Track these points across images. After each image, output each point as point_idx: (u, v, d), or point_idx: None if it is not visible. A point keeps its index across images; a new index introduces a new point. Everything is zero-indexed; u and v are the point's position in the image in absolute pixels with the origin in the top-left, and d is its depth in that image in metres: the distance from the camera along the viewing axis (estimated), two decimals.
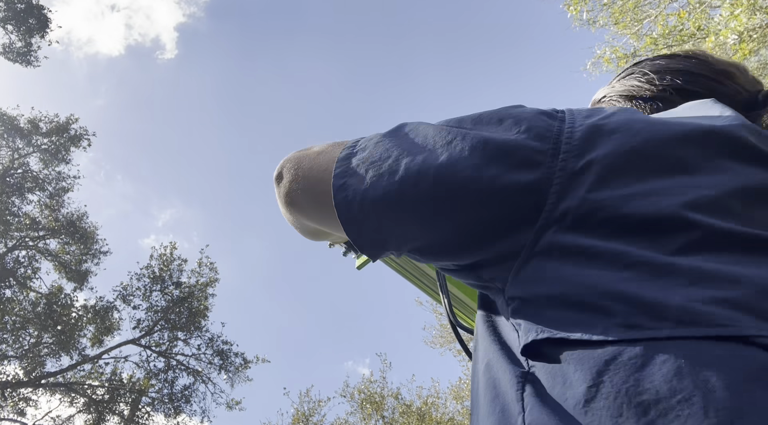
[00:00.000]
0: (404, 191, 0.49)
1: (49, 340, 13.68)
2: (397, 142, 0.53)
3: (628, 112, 0.49)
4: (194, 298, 15.21)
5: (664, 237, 0.41)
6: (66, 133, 14.65)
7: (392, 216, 0.51)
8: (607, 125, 0.48)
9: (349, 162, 0.54)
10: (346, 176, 0.53)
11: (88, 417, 13.74)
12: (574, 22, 8.91)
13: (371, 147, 0.54)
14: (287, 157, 0.64)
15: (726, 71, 0.66)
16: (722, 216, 0.41)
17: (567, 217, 0.44)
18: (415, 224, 0.51)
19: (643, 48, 8.07)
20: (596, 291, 0.41)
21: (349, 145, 0.57)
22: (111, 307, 14.58)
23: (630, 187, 0.43)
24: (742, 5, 6.35)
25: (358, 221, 0.53)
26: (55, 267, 14.59)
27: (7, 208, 13.81)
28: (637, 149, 0.45)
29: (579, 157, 0.46)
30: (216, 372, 15.01)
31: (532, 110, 0.51)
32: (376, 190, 0.51)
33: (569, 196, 0.44)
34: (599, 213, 0.43)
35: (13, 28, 13.24)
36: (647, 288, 0.39)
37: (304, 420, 14.29)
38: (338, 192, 0.53)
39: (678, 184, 0.43)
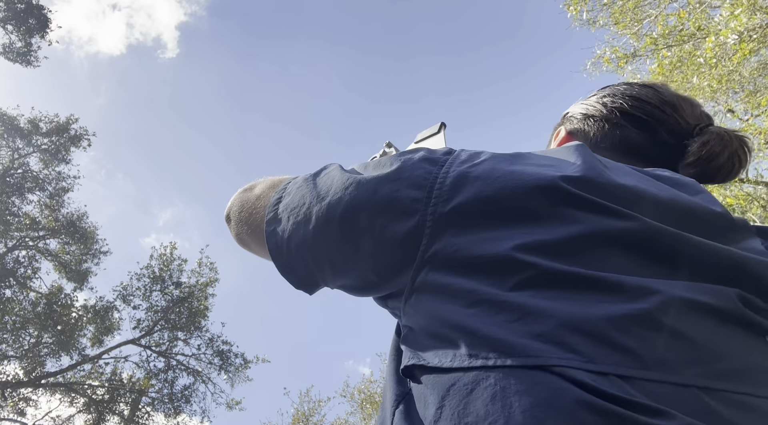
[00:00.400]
0: (316, 239, 0.57)
1: (49, 340, 13.68)
2: (312, 187, 0.60)
3: (496, 160, 0.54)
4: (194, 298, 15.20)
5: (504, 276, 0.46)
6: (66, 133, 14.64)
7: (312, 259, 0.59)
8: (472, 172, 0.52)
9: (277, 208, 0.62)
10: (275, 222, 0.61)
11: (88, 417, 13.73)
12: (574, 22, 8.91)
13: (293, 192, 0.62)
14: (233, 200, 0.74)
15: (672, 103, 0.70)
16: (552, 258, 0.46)
17: (436, 258, 0.50)
18: (330, 265, 0.58)
19: (643, 48, 8.07)
20: (450, 325, 0.47)
21: (279, 189, 0.65)
22: (111, 307, 14.58)
23: (484, 230, 0.49)
24: (742, 5, 6.35)
25: (287, 263, 0.61)
26: (55, 267, 14.58)
27: (7, 208, 13.80)
28: (492, 197, 0.50)
29: (447, 203, 0.51)
30: (216, 372, 15.02)
31: (418, 158, 0.56)
32: (296, 237, 0.58)
33: (438, 239, 0.50)
34: (458, 255, 0.49)
35: (13, 28, 13.24)
36: (484, 323, 0.44)
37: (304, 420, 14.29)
38: (269, 238, 0.61)
39: (520, 229, 0.48)
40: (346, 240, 0.55)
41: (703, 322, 0.44)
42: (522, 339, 0.42)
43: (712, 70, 7.00)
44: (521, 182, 0.50)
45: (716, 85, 7.16)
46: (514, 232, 0.48)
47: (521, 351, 0.41)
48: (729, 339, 0.44)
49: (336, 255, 0.57)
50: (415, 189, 0.53)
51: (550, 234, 0.47)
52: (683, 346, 0.42)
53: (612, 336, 0.41)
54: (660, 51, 7.65)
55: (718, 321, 0.45)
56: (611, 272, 0.45)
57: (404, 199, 0.53)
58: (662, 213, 0.50)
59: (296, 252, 0.59)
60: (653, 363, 0.41)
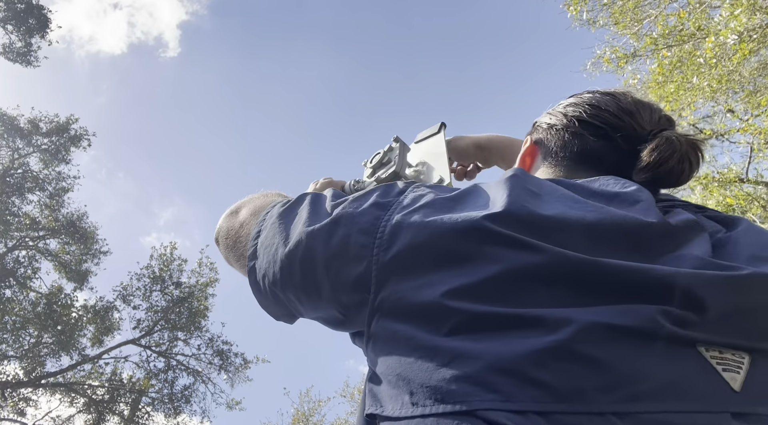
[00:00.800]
0: (283, 281, 0.60)
1: (49, 340, 13.67)
2: (281, 228, 0.63)
3: (434, 206, 0.54)
4: (194, 298, 15.20)
5: (439, 322, 0.48)
6: (66, 133, 14.64)
7: (284, 297, 0.62)
8: (407, 220, 0.53)
9: (256, 243, 0.65)
10: (254, 258, 0.65)
11: (88, 417, 13.73)
12: (574, 22, 8.91)
13: (269, 227, 0.65)
14: (220, 224, 0.78)
15: (629, 110, 0.71)
16: (477, 300, 0.47)
17: (384, 306, 0.51)
18: (300, 303, 0.62)
19: (643, 48, 8.07)
20: (396, 372, 0.49)
21: (259, 220, 0.68)
22: (111, 307, 14.58)
23: (420, 277, 0.50)
24: (742, 5, 6.35)
25: (264, 300, 0.66)
26: (55, 267, 14.58)
27: (7, 208, 13.80)
28: (424, 243, 0.51)
29: (387, 251, 0.52)
30: (216, 372, 15.01)
31: (370, 203, 0.58)
32: (269, 277, 0.62)
33: (384, 286, 0.52)
34: (401, 303, 0.50)
35: (13, 28, 13.23)
36: (422, 369, 0.47)
37: (304, 420, 14.29)
38: (250, 274, 0.65)
39: (450, 273, 0.49)
40: (307, 282, 0.58)
41: (621, 345, 0.44)
42: (451, 384, 0.44)
43: (712, 70, 7.00)
44: (450, 227, 0.51)
45: (716, 85, 7.16)
46: (445, 277, 0.49)
47: (451, 397, 0.44)
48: (649, 359, 0.44)
49: (302, 295, 0.60)
50: (363, 235, 0.54)
51: (475, 276, 0.48)
52: (599, 373, 0.43)
53: (530, 372, 0.43)
54: (660, 51, 7.65)
55: (638, 342, 0.45)
56: (533, 307, 0.46)
57: (354, 244, 0.54)
58: (584, 237, 0.50)
59: (270, 290, 0.63)
60: (569, 394, 0.42)
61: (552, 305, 0.46)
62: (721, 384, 0.45)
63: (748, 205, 8.82)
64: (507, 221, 0.50)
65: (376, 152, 1.19)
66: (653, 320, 0.45)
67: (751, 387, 0.46)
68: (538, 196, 0.55)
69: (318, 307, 0.61)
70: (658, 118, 0.72)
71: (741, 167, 9.69)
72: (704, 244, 0.54)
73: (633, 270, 0.48)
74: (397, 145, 1.16)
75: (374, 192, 0.60)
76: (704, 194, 8.79)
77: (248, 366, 15.18)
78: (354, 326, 0.59)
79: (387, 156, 1.17)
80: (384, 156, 1.17)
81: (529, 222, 0.51)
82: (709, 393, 0.44)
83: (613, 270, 0.48)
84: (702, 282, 0.48)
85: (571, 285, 0.48)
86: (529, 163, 0.80)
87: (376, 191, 0.60)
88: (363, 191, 0.61)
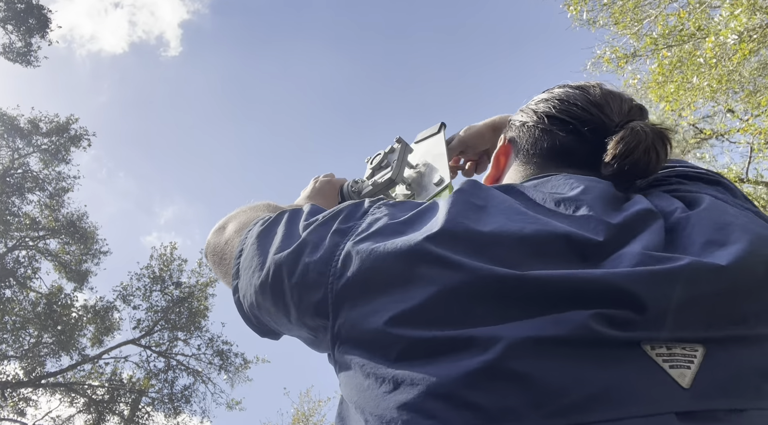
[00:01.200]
0: (258, 303, 0.62)
1: (49, 340, 13.67)
2: (258, 250, 0.64)
3: (385, 231, 0.55)
4: (194, 298, 15.20)
5: (386, 349, 0.48)
6: (66, 133, 14.64)
7: (262, 317, 0.64)
8: (356, 247, 0.54)
9: (239, 262, 0.67)
10: (237, 277, 0.66)
11: (88, 417, 13.73)
12: (574, 22, 8.91)
13: (248, 247, 0.66)
14: (208, 240, 0.80)
15: (597, 102, 0.70)
16: (416, 326, 0.47)
17: (341, 334, 0.52)
18: (276, 324, 0.63)
19: (643, 48, 8.07)
20: (353, 399, 0.50)
21: (242, 239, 0.69)
22: (111, 307, 14.58)
23: (368, 304, 0.50)
24: (742, 5, 6.35)
25: (247, 319, 0.67)
26: (55, 267, 14.58)
27: (7, 208, 13.80)
28: (369, 269, 0.51)
29: (340, 279, 0.53)
30: (216, 372, 15.01)
31: (333, 229, 0.58)
32: (247, 298, 0.64)
33: (339, 314, 0.52)
34: (354, 331, 0.51)
35: (13, 28, 13.23)
36: (371, 397, 0.47)
37: (304, 420, 14.30)
38: (234, 293, 0.67)
39: (393, 299, 0.49)
40: (278, 307, 0.59)
41: (552, 357, 0.44)
42: (394, 412, 0.45)
43: (712, 70, 7.00)
44: (391, 252, 0.51)
45: (716, 85, 7.16)
46: (388, 304, 0.49)
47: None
48: (583, 367, 0.43)
49: (275, 318, 0.62)
50: (321, 264, 0.55)
51: (413, 301, 0.48)
52: (529, 389, 0.42)
53: (465, 395, 0.43)
54: (660, 51, 7.65)
55: (570, 352, 0.44)
56: (467, 327, 0.46)
57: (313, 272, 0.55)
58: (521, 250, 0.50)
59: (250, 310, 0.65)
60: (500, 414, 0.42)
61: (483, 324, 0.46)
62: (667, 383, 0.43)
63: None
64: (443, 240, 0.50)
65: (377, 152, 1.20)
66: (585, 326, 0.44)
67: (704, 381, 0.44)
68: (482, 209, 0.55)
69: (291, 329, 0.62)
70: (628, 108, 0.70)
71: (741, 167, 9.71)
72: (653, 235, 0.53)
73: (562, 279, 0.47)
74: (399, 146, 1.16)
75: (340, 214, 0.60)
76: None
77: (248, 366, 15.18)
78: (326, 348, 0.60)
79: (386, 158, 1.17)
80: (384, 158, 1.17)
81: (466, 239, 0.51)
82: (652, 394, 0.43)
83: (540, 281, 0.47)
84: (635, 280, 0.46)
85: (501, 302, 0.47)
86: (504, 162, 0.79)
87: (342, 213, 0.61)
88: (334, 212, 0.62)
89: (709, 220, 0.54)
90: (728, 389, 0.44)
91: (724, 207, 0.57)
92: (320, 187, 1.13)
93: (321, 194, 1.11)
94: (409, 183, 1.17)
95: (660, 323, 0.46)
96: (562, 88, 0.75)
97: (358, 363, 0.50)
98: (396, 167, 1.13)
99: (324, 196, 1.11)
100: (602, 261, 0.50)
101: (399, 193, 1.19)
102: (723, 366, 0.45)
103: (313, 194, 1.11)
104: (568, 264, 0.49)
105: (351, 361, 0.51)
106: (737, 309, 0.48)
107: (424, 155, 1.19)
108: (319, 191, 1.12)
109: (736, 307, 0.48)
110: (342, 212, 0.61)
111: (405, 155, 1.16)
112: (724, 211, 0.56)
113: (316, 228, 0.60)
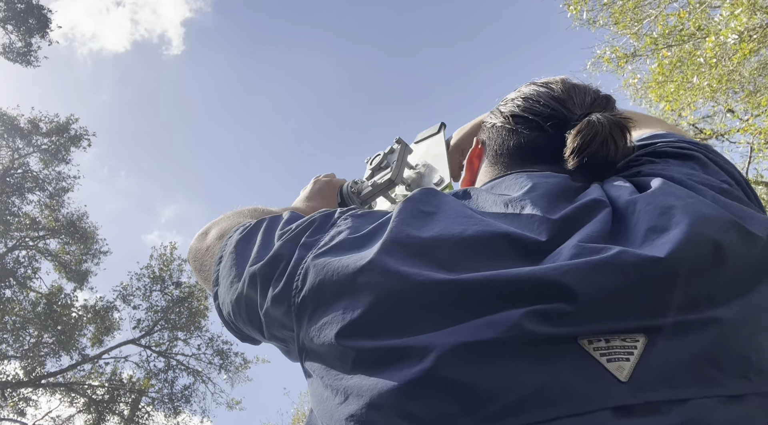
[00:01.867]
0: (234, 313, 0.63)
1: (49, 340, 13.67)
2: (239, 257, 0.65)
3: (343, 245, 0.56)
4: (194, 298, 15.19)
5: (341, 361, 0.49)
6: (66, 133, 14.64)
7: (241, 326, 0.65)
8: (315, 262, 0.54)
9: (218, 269, 0.68)
10: (217, 284, 0.67)
11: (88, 417, 13.72)
12: (574, 22, 8.90)
13: (227, 255, 0.67)
14: (190, 246, 0.81)
15: (560, 97, 0.70)
16: (363, 336, 0.48)
17: (304, 347, 0.53)
18: (253, 333, 0.64)
19: (643, 48, 8.07)
20: (316, 411, 0.51)
21: (222, 245, 0.70)
22: (111, 307, 14.58)
23: (323, 317, 0.51)
24: (742, 5, 6.35)
25: (227, 325, 0.68)
26: (55, 267, 14.58)
27: (7, 208, 13.80)
28: (322, 283, 0.52)
29: (299, 293, 0.54)
30: (216, 372, 15.01)
31: (301, 243, 0.59)
32: (225, 306, 0.65)
33: (301, 328, 0.53)
34: (313, 343, 0.51)
35: (13, 28, 13.23)
36: (327, 409, 0.48)
37: (304, 420, 14.29)
38: (215, 300, 0.68)
39: (341, 312, 0.50)
40: (252, 318, 0.61)
41: (484, 361, 0.43)
42: (342, 423, 0.45)
43: (712, 70, 6.99)
44: (342, 265, 0.52)
45: (716, 84, 7.16)
46: (338, 316, 0.50)
47: None
48: (516, 368, 0.43)
49: (250, 327, 0.63)
50: (288, 277, 0.56)
51: (358, 311, 0.49)
52: (463, 396, 0.42)
53: (404, 405, 0.43)
54: (660, 51, 7.65)
55: (502, 353, 0.43)
56: (407, 336, 0.46)
57: (281, 286, 0.56)
58: (463, 253, 0.50)
59: (228, 318, 0.66)
60: (435, 423, 0.42)
61: (422, 331, 0.46)
62: (604, 378, 0.42)
63: None
64: (388, 249, 0.51)
65: (377, 153, 1.20)
66: (517, 326, 0.44)
67: (644, 372, 0.42)
68: (430, 215, 0.56)
69: (265, 339, 0.63)
70: (591, 100, 0.69)
71: (741, 167, 9.69)
72: (596, 225, 0.52)
73: (493, 279, 0.47)
74: (398, 147, 1.16)
75: (311, 226, 0.61)
76: None
77: (248, 366, 15.18)
78: (296, 358, 0.60)
79: (386, 159, 1.17)
80: (383, 159, 1.17)
81: (406, 246, 0.51)
82: (587, 391, 0.41)
83: (473, 283, 0.47)
84: (564, 272, 0.45)
85: (438, 308, 0.47)
86: (477, 165, 0.79)
87: (312, 225, 0.61)
88: (306, 222, 0.63)
89: (653, 205, 0.52)
90: (671, 378, 0.42)
91: (671, 189, 0.55)
92: (319, 188, 1.13)
93: (320, 194, 1.11)
94: (408, 183, 1.17)
95: (595, 315, 0.45)
96: (528, 86, 0.75)
97: (319, 375, 0.51)
98: (395, 168, 1.13)
99: (323, 197, 1.11)
100: (544, 258, 0.50)
101: (399, 194, 1.19)
102: (666, 355, 0.43)
103: (312, 194, 1.11)
104: (512, 264, 0.49)
105: (314, 372, 0.52)
106: (684, 295, 0.46)
107: (424, 155, 1.19)
108: (318, 191, 1.11)
109: (682, 293, 0.46)
110: (313, 224, 0.62)
111: (405, 156, 1.16)
112: (669, 192, 0.54)
113: (287, 241, 0.60)
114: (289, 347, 0.59)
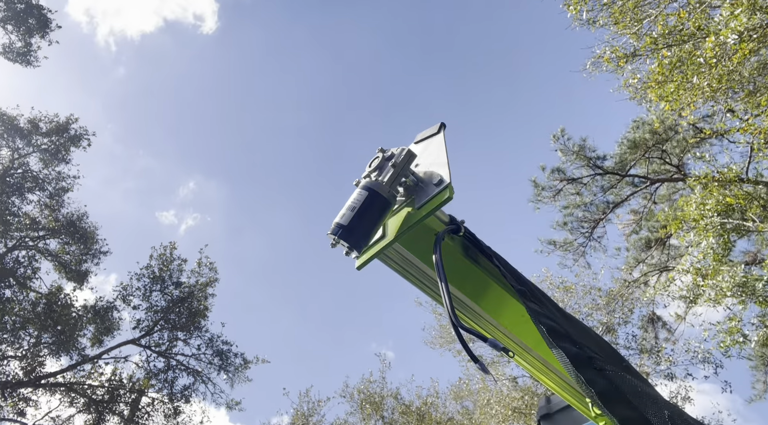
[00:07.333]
0: None
1: (49, 340, 13.67)
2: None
3: None
4: (194, 298, 15.20)
5: None
6: (66, 132, 14.64)
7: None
8: None
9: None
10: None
11: (88, 417, 13.73)
12: (574, 22, 8.91)
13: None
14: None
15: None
16: None
17: None
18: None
19: (643, 48, 8.06)
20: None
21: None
22: (111, 307, 14.58)
23: None
24: (742, 5, 6.35)
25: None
26: (55, 267, 14.58)
27: (7, 208, 13.80)
28: None
29: None
30: (216, 372, 15.02)
31: None
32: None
33: None
34: None
35: (13, 28, 13.23)
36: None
37: (303, 420, 14.29)
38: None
39: None
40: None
41: None
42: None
43: (712, 70, 6.99)
44: None
45: (716, 84, 7.15)
46: None
47: None
48: None
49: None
50: None
51: None
52: None
53: None
54: (660, 51, 7.64)
55: None
56: None
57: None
58: None
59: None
60: None
61: None
62: None
63: (747, 205, 8.81)
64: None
65: (376, 155, 1.20)
66: None
67: None
68: None
69: None
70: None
71: (741, 167, 9.69)
72: None
73: None
74: (398, 149, 1.16)
75: None
76: (704, 194, 8.78)
77: (248, 366, 15.19)
78: None
79: (385, 161, 1.17)
80: (382, 161, 1.17)
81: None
82: None
83: None
84: None
85: None
86: None
87: None
88: None
89: None
90: None
91: None
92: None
93: None
94: (409, 184, 1.17)
95: None
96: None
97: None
98: (394, 171, 1.13)
99: None
100: None
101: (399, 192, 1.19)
102: None
103: None
104: None
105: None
106: None
107: (424, 156, 1.19)
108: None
109: None
110: None
111: (404, 159, 1.16)
112: None
113: None
114: None
